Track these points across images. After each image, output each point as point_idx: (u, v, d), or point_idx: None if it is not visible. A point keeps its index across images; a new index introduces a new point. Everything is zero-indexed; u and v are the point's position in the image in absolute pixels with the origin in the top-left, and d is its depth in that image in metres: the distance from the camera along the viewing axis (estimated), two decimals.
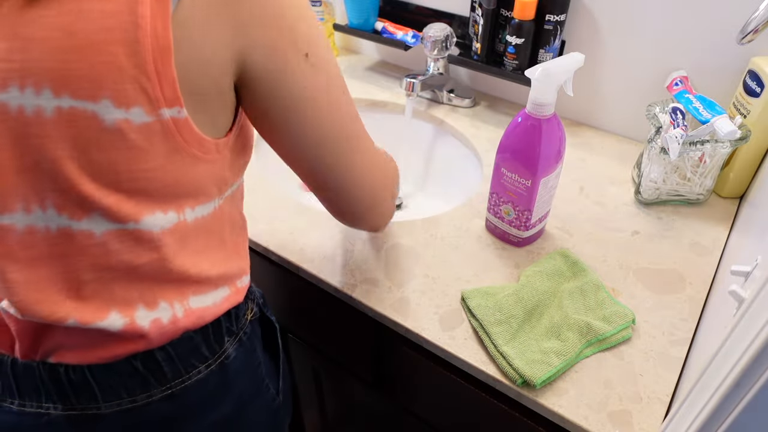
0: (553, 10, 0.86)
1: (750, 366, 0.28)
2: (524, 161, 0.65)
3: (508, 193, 0.69)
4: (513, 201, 0.69)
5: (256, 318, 0.61)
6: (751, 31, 0.57)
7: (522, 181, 0.67)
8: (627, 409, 0.56)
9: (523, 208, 0.69)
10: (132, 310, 0.47)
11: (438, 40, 0.96)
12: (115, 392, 0.49)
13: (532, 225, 0.71)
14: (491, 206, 0.73)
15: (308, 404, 1.06)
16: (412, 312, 0.65)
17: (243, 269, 0.57)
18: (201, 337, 0.52)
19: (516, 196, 0.69)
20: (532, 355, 0.58)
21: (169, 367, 0.50)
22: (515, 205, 0.69)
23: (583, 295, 0.65)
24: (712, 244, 0.75)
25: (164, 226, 0.45)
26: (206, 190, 0.47)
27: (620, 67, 0.90)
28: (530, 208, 0.68)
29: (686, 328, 0.64)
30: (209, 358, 0.53)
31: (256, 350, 0.60)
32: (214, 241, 0.51)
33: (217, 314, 0.53)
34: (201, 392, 0.53)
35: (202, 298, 0.51)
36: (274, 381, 0.64)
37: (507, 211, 0.71)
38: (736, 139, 0.71)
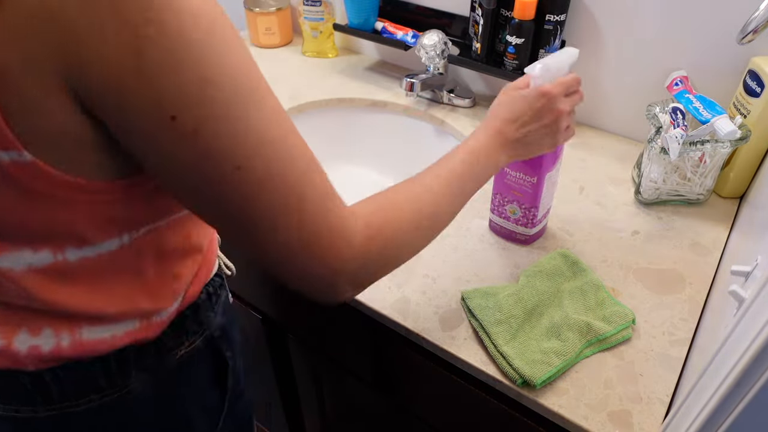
0: (553, 10, 0.86)
1: (750, 366, 0.28)
2: (529, 159, 0.64)
3: (513, 192, 0.70)
4: (518, 200, 0.70)
5: (197, 351, 0.55)
6: (751, 31, 0.57)
7: (527, 179, 0.67)
8: (627, 409, 0.56)
9: (530, 206, 0.69)
10: (12, 334, 0.45)
11: (432, 56, 0.97)
12: (7, 398, 0.48)
13: (538, 221, 0.72)
14: (495, 207, 0.73)
15: (308, 404, 1.06)
16: (412, 312, 0.65)
17: (167, 302, 0.51)
18: (100, 367, 0.48)
19: (521, 194, 0.69)
20: (532, 355, 0.58)
21: (57, 389, 0.47)
22: (521, 203, 0.70)
23: (583, 295, 0.65)
24: (712, 244, 0.75)
25: (32, 264, 0.41)
26: (101, 230, 0.42)
27: (620, 67, 0.90)
28: (536, 204, 0.69)
29: (686, 328, 0.64)
30: (105, 389, 0.49)
31: (180, 388, 0.55)
32: (121, 278, 0.46)
33: (115, 347, 0.49)
34: (90, 421, 0.50)
35: (97, 331, 0.47)
36: (211, 422, 0.60)
37: (513, 211, 0.71)
38: (736, 139, 0.71)
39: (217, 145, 0.35)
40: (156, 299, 0.50)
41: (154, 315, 0.50)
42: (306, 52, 1.22)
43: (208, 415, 0.59)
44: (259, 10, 1.21)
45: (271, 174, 0.38)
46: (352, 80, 1.12)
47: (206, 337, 0.56)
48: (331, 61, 1.20)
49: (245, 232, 0.40)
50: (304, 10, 1.15)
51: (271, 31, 1.23)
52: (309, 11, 1.15)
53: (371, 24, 1.09)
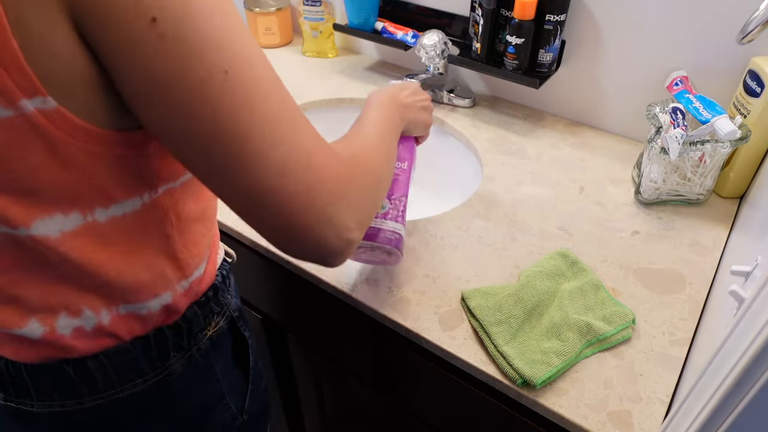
0: (553, 10, 0.86)
1: (750, 366, 0.28)
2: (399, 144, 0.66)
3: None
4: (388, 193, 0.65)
5: (222, 333, 0.57)
6: (751, 31, 0.57)
7: (399, 165, 0.67)
8: (627, 409, 0.56)
9: (400, 195, 0.65)
10: (52, 318, 0.45)
11: (432, 56, 0.97)
12: (47, 393, 0.48)
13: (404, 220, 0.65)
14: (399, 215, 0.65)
15: (308, 404, 1.06)
16: (412, 312, 0.65)
17: (189, 269, 0.51)
18: (141, 350, 0.49)
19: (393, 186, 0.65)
20: (532, 355, 0.58)
21: (102, 377, 0.48)
22: (390, 194, 0.64)
23: (583, 295, 0.65)
24: (712, 244, 0.75)
25: (64, 228, 0.41)
26: (123, 186, 0.42)
27: (620, 67, 0.90)
28: (405, 193, 0.65)
29: (686, 328, 0.64)
30: (147, 372, 0.50)
31: (213, 367, 0.57)
32: (149, 240, 0.46)
33: (152, 325, 0.50)
34: (136, 406, 0.51)
35: (133, 306, 0.48)
36: (239, 400, 0.61)
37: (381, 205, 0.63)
38: (736, 139, 0.71)
39: (201, 45, 0.34)
40: (180, 266, 0.50)
41: (178, 283, 0.51)
42: (306, 52, 1.22)
43: (236, 393, 0.61)
44: (259, 10, 1.21)
45: (258, 83, 0.37)
46: (352, 80, 1.12)
47: (227, 317, 0.58)
48: (331, 61, 1.20)
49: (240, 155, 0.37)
50: (304, 10, 1.15)
51: (271, 31, 1.24)
52: (309, 11, 1.15)
53: (371, 24, 1.09)
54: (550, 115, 1.03)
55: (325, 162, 0.41)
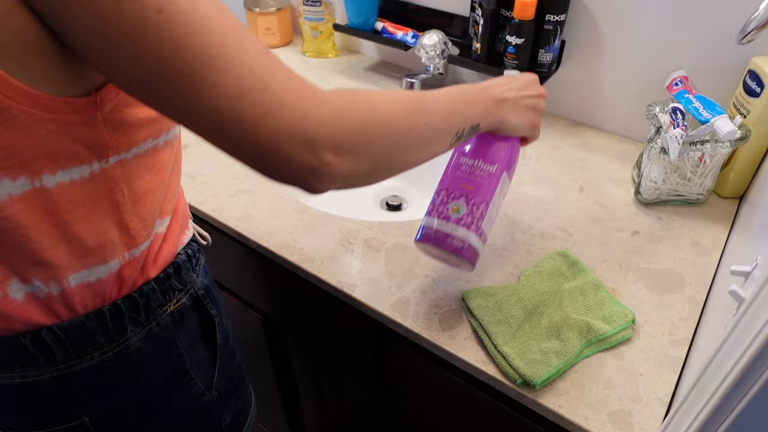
0: (553, 10, 0.86)
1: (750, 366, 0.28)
2: (492, 144, 0.59)
3: (463, 186, 0.59)
4: (467, 194, 0.59)
5: (185, 309, 0.59)
6: (751, 31, 0.57)
7: (486, 167, 0.59)
8: (627, 409, 0.56)
9: (480, 200, 0.58)
10: (4, 284, 0.46)
11: (432, 56, 0.97)
12: (8, 365, 0.50)
13: (482, 228, 0.59)
14: (434, 207, 0.60)
15: (308, 404, 1.06)
16: (412, 312, 0.65)
17: (140, 236, 0.52)
18: (97, 323, 0.51)
19: (473, 187, 0.59)
20: (532, 355, 0.58)
21: (59, 350, 0.50)
22: (470, 198, 0.59)
23: (583, 295, 0.65)
24: (712, 244, 0.75)
25: (12, 192, 0.41)
26: (70, 153, 0.42)
27: (620, 67, 0.90)
28: (488, 200, 0.59)
29: (686, 328, 0.64)
30: (104, 345, 0.52)
31: (176, 342, 0.58)
32: (97, 207, 0.47)
33: (110, 296, 0.51)
34: (94, 377, 0.53)
35: (83, 275, 0.49)
36: (207, 376, 0.62)
37: (456, 209, 0.59)
38: (736, 139, 0.71)
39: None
40: (130, 234, 0.51)
41: (127, 251, 0.52)
42: (306, 52, 1.22)
43: (204, 369, 0.62)
44: (259, 10, 1.21)
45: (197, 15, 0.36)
46: (352, 80, 1.12)
47: (191, 294, 0.60)
48: (331, 61, 1.20)
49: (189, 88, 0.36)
50: (304, 10, 1.15)
51: (271, 31, 1.24)
52: (309, 11, 1.15)
53: (371, 24, 1.09)
54: (550, 115, 1.03)
55: (285, 84, 0.39)
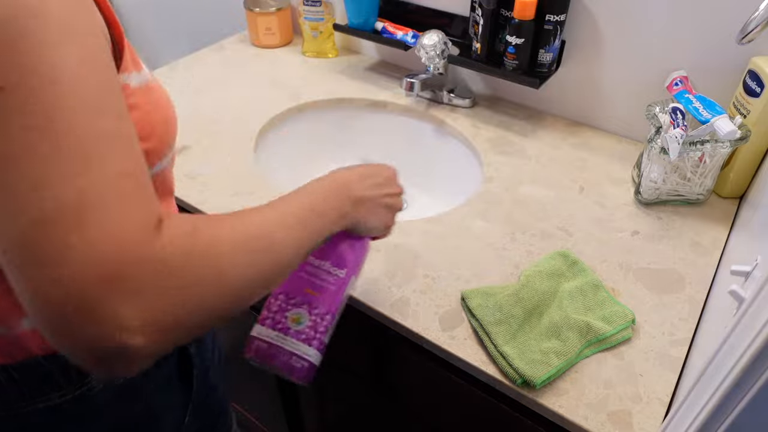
0: (553, 10, 0.86)
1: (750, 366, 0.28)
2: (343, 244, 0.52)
3: (306, 291, 0.52)
4: (311, 302, 0.51)
5: None
6: (751, 31, 0.57)
7: (334, 271, 0.52)
8: (627, 409, 0.56)
9: (325, 311, 0.51)
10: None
11: (432, 56, 0.97)
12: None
13: (323, 345, 0.51)
14: (269, 315, 0.51)
15: (308, 404, 1.06)
16: (412, 312, 0.65)
17: None
18: (55, 364, 0.46)
19: (318, 293, 0.51)
20: (532, 355, 0.58)
21: (14, 391, 0.46)
22: (313, 307, 0.51)
23: (582, 295, 0.65)
24: (712, 244, 0.75)
25: None
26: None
27: (620, 67, 0.90)
28: (333, 311, 0.52)
29: (686, 328, 0.64)
30: (64, 387, 0.48)
31: (143, 381, 0.53)
32: None
33: None
34: (53, 419, 0.49)
35: None
36: (176, 416, 0.59)
37: (296, 318, 0.51)
38: (736, 139, 0.71)
39: None
40: None
41: None
42: (306, 52, 1.22)
43: (175, 409, 0.59)
44: (259, 10, 1.21)
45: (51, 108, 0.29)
46: (352, 80, 1.12)
47: None
48: (331, 61, 1.20)
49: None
50: (304, 10, 1.15)
51: (271, 31, 1.24)
52: (309, 11, 1.15)
53: (371, 24, 1.09)
54: (550, 115, 1.03)
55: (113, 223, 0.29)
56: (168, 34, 1.64)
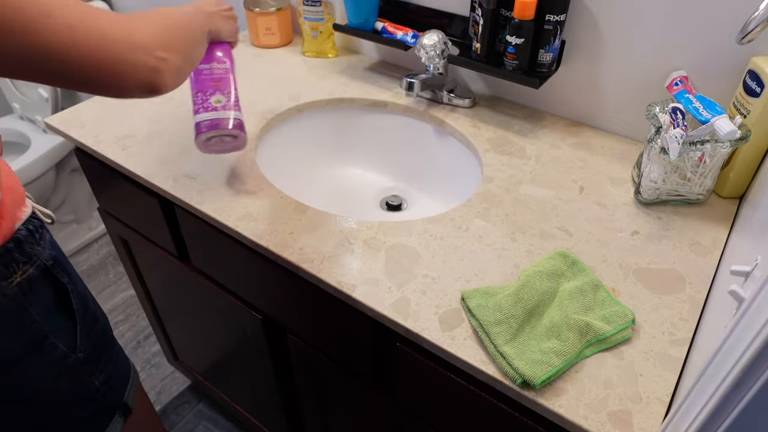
0: (553, 10, 0.86)
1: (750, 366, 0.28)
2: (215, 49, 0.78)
3: (212, 84, 0.76)
4: (219, 88, 0.76)
5: (33, 280, 0.63)
6: (751, 31, 0.57)
7: (221, 66, 0.77)
8: (627, 409, 0.56)
9: (229, 89, 0.77)
10: None
11: (432, 56, 0.97)
12: None
13: (239, 107, 0.78)
14: (199, 106, 0.76)
15: (308, 404, 1.06)
16: (412, 312, 0.65)
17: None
18: None
19: (220, 82, 0.76)
20: (532, 355, 0.58)
21: None
22: (223, 90, 0.76)
23: (582, 295, 0.65)
24: (712, 244, 0.75)
25: None
26: None
27: (620, 67, 0.90)
28: (234, 86, 0.78)
29: (686, 328, 0.64)
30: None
31: (28, 310, 0.63)
32: None
33: None
34: None
35: None
36: (68, 339, 0.69)
37: (218, 100, 0.76)
38: (736, 139, 0.71)
39: None
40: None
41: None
42: (306, 52, 1.22)
43: (64, 333, 0.68)
44: (259, 10, 1.21)
45: None
46: (352, 80, 1.12)
47: (38, 266, 0.64)
48: (331, 61, 1.20)
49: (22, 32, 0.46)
50: (304, 10, 1.15)
51: (271, 31, 1.23)
52: (309, 11, 1.15)
53: (371, 24, 1.09)
54: (550, 115, 1.03)
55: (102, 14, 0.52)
56: None
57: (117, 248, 1.23)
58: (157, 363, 1.66)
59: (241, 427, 1.51)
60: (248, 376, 1.16)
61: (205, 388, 1.44)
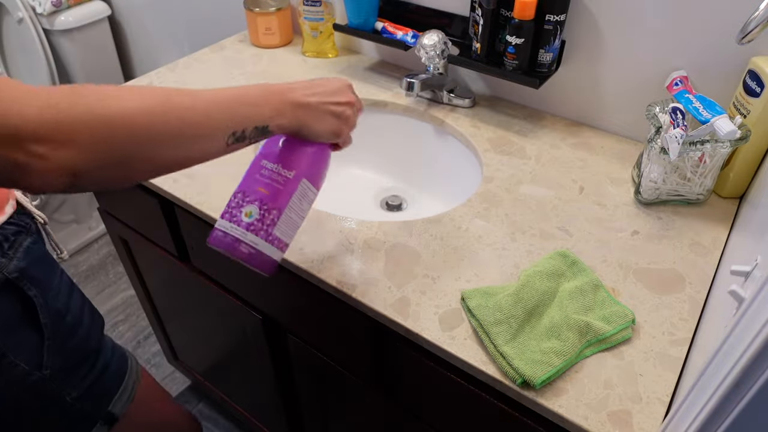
0: (553, 10, 0.86)
1: (750, 366, 0.28)
2: (294, 149, 0.59)
3: (259, 189, 0.58)
4: (262, 198, 0.58)
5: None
6: (751, 30, 0.57)
7: (284, 172, 0.58)
8: (627, 409, 0.56)
9: (272, 207, 0.57)
10: None
11: (432, 56, 0.97)
12: None
13: (273, 236, 0.58)
14: (229, 210, 0.59)
15: (308, 404, 1.06)
16: (412, 312, 0.65)
17: None
18: None
19: (268, 192, 0.58)
20: (532, 355, 0.58)
21: None
22: (263, 203, 0.58)
23: (582, 295, 0.65)
24: (712, 244, 0.75)
25: None
26: None
27: (620, 67, 0.90)
28: (281, 207, 0.58)
29: (686, 328, 0.64)
30: None
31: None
32: None
33: None
34: None
35: None
36: (32, 356, 0.63)
37: (249, 213, 0.58)
38: (736, 139, 0.71)
39: None
40: None
41: None
42: (306, 52, 1.22)
43: (26, 349, 0.63)
44: (259, 10, 1.21)
45: None
46: (352, 80, 1.12)
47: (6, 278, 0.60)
48: (331, 61, 1.20)
49: None
50: (304, 10, 1.15)
51: (271, 31, 1.24)
52: (309, 11, 1.15)
53: (371, 24, 1.09)
54: (550, 115, 1.03)
55: None
56: (168, 34, 1.64)
57: (117, 248, 1.23)
58: (157, 363, 1.66)
59: (241, 427, 1.51)
60: (248, 376, 1.16)
61: (205, 388, 1.44)
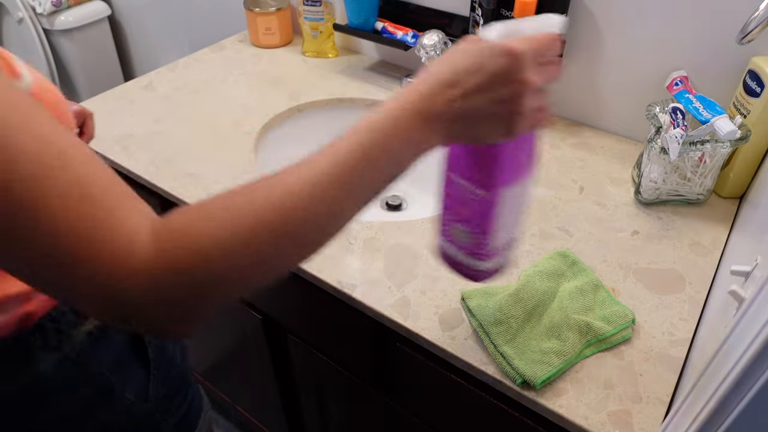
0: (553, 10, 0.86)
1: (750, 366, 0.28)
2: (478, 162, 0.46)
3: (460, 210, 0.49)
4: (465, 220, 0.49)
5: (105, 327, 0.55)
6: (751, 31, 0.57)
7: (475, 191, 0.47)
8: (627, 409, 0.56)
9: (478, 230, 0.49)
10: None
11: (432, 56, 0.97)
12: None
13: (489, 253, 0.51)
14: (442, 226, 0.52)
15: (308, 404, 1.06)
16: (412, 312, 0.65)
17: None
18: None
19: (469, 213, 0.49)
20: (532, 355, 0.58)
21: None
22: (468, 224, 0.49)
23: (582, 295, 0.65)
24: (712, 244, 0.75)
25: None
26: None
27: (620, 67, 0.90)
28: (487, 230, 0.48)
29: (686, 328, 0.64)
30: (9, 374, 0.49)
31: (95, 361, 0.55)
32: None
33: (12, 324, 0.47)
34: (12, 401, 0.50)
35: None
36: (139, 389, 0.61)
37: (459, 234, 0.50)
38: (736, 139, 0.71)
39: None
40: None
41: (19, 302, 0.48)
42: (306, 52, 1.22)
43: (135, 383, 0.60)
44: (259, 10, 1.21)
45: None
46: (352, 80, 1.12)
47: None
48: (331, 61, 1.20)
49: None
50: (304, 10, 1.15)
51: (271, 31, 1.23)
52: (309, 11, 1.15)
53: (371, 24, 1.09)
54: (550, 114, 1.03)
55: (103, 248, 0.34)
56: (168, 34, 1.64)
57: None
58: None
59: (241, 427, 1.51)
60: (248, 376, 1.16)
61: (205, 388, 1.44)
